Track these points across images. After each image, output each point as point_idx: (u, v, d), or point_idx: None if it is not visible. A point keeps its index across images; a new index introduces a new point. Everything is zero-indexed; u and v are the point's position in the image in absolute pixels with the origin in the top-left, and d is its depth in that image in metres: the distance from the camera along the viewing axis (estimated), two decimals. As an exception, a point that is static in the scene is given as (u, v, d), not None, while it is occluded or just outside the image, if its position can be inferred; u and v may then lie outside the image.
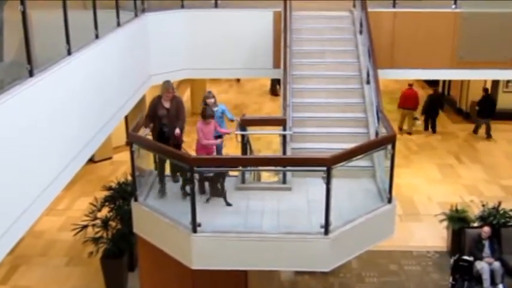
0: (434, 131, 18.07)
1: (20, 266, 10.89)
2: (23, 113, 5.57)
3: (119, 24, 9.16)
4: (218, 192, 7.58)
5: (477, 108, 17.63)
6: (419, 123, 18.26)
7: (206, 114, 8.09)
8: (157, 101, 8.21)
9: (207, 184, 7.74)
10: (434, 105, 18.12)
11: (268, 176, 9.30)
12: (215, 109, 8.65)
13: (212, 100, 8.78)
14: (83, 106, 7.35)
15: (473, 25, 11.29)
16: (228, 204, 7.48)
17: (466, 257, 10.15)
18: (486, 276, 9.87)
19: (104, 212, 10.49)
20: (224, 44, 11.54)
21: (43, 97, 6.03)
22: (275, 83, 21.47)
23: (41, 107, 6.00)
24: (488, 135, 17.49)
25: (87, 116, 7.50)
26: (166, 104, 8.19)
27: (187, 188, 7.11)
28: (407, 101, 17.81)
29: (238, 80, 24.25)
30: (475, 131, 17.82)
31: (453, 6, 11.40)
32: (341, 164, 6.70)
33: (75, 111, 7.05)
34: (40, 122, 5.98)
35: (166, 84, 8.30)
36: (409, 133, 17.84)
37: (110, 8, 9.05)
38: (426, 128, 18.21)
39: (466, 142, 17.07)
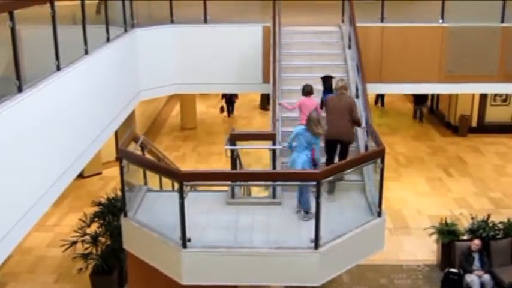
0: (382, 105, 22.63)
1: (8, 283, 10.75)
2: (12, 129, 5.54)
3: (108, 40, 9.17)
4: None
5: (413, 96, 20.69)
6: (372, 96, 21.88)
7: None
8: None
9: None
10: None
11: (258, 190, 9.31)
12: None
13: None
14: (72, 122, 7.32)
15: (460, 39, 11.41)
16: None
17: (456, 270, 10.17)
18: (476, 290, 9.90)
19: (93, 227, 10.42)
20: (214, 59, 11.56)
21: (32, 113, 6.01)
22: (265, 97, 21.51)
23: (30, 122, 5.98)
24: (421, 120, 20.52)
25: (76, 131, 7.47)
26: None
27: None
28: None
29: (223, 111, 21.96)
30: (414, 117, 20.86)
31: (440, 21, 11.52)
32: (330, 178, 6.72)
33: (64, 127, 7.03)
34: (29, 137, 5.95)
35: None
36: None
37: (100, 24, 9.07)
38: (376, 103, 22.30)
39: (455, 155, 17.16)
